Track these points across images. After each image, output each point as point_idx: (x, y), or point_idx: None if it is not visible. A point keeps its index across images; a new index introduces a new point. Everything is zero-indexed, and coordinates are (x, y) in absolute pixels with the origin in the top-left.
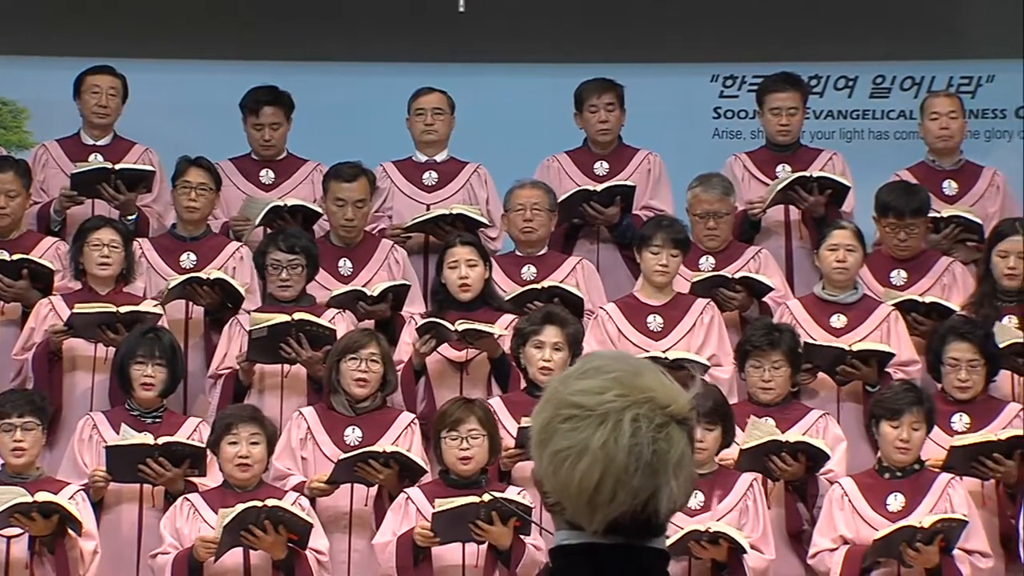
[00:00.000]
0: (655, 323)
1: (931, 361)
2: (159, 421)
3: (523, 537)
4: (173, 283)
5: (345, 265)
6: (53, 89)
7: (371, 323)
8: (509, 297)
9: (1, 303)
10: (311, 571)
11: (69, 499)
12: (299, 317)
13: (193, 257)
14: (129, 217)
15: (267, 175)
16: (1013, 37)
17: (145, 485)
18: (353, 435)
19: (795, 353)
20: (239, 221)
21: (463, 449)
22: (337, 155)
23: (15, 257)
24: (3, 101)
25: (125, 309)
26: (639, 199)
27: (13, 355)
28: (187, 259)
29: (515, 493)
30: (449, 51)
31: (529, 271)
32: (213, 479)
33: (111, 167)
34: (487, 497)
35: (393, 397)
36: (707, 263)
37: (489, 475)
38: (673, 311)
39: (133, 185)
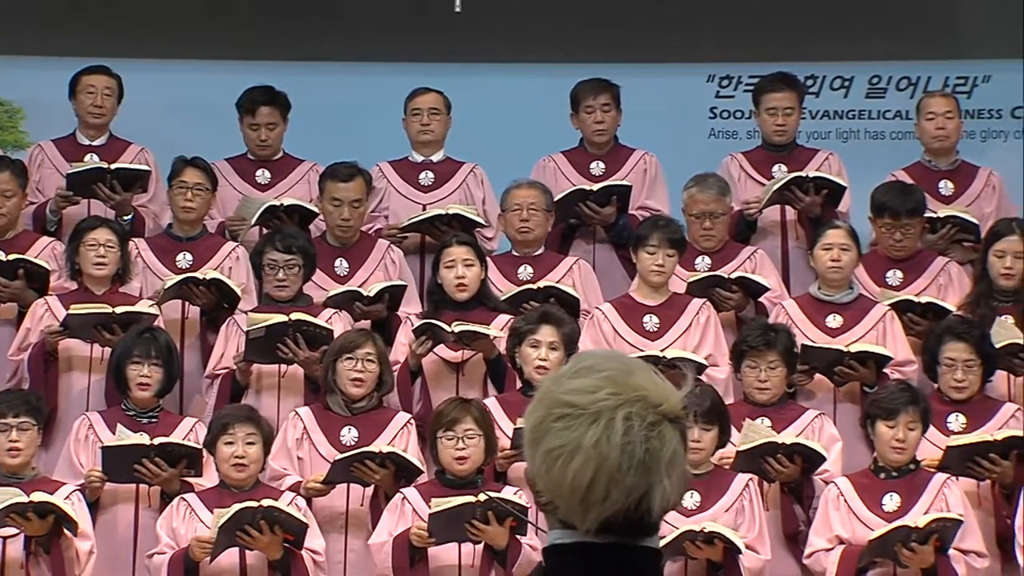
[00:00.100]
0: (651, 323)
1: (927, 361)
2: (155, 421)
3: (519, 537)
4: (169, 283)
5: (341, 265)
6: (49, 89)
7: (367, 323)
8: (505, 297)
9: None
10: (307, 571)
11: (65, 499)
12: (296, 317)
13: (189, 257)
14: (125, 217)
15: (263, 175)
16: (1009, 37)
17: (141, 485)
18: (349, 435)
19: (791, 353)
20: (235, 221)
21: (459, 449)
22: (334, 155)
23: (11, 257)
24: None
25: (121, 309)
26: (635, 199)
27: (9, 355)
28: (183, 259)
29: (511, 493)
30: (446, 51)
31: (526, 271)
32: (210, 479)
33: (107, 167)
34: (483, 497)
35: (389, 397)
36: (703, 263)
37: (485, 475)
38: (669, 311)
39: (129, 185)
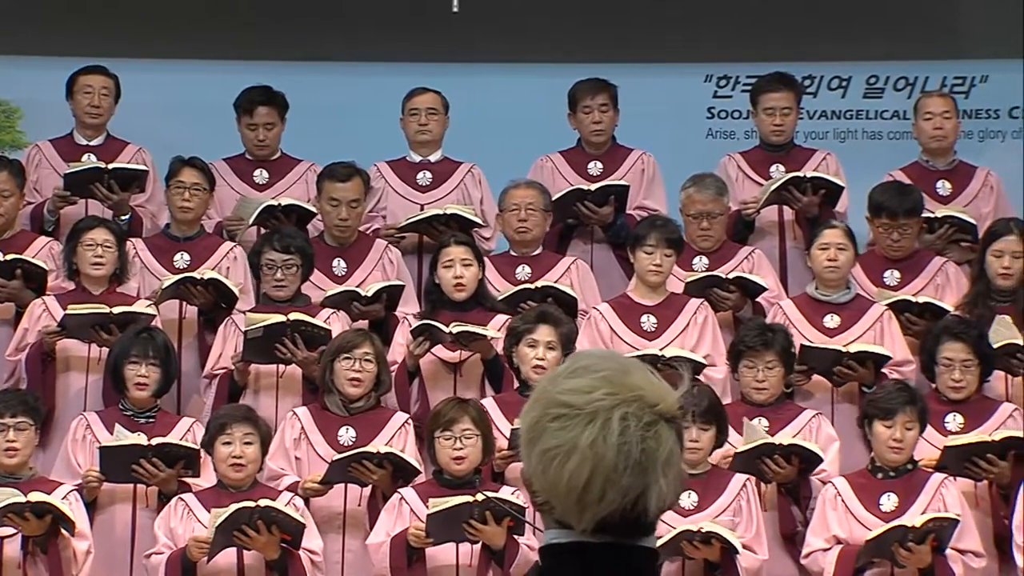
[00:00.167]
0: (648, 323)
1: (925, 361)
2: (152, 421)
3: (517, 537)
4: (167, 283)
5: (339, 265)
6: (46, 89)
7: (365, 323)
8: (502, 297)
9: None
10: (304, 571)
11: (62, 499)
12: (294, 317)
13: (187, 257)
14: (123, 217)
15: (261, 175)
16: (1007, 38)
17: (139, 485)
18: (347, 435)
19: (788, 353)
20: (233, 221)
21: (457, 449)
22: (332, 155)
23: (9, 257)
24: None
25: (118, 310)
26: (633, 199)
27: (7, 356)
28: (181, 259)
29: (509, 493)
30: (444, 51)
31: (524, 271)
32: (207, 479)
33: (104, 167)
34: (481, 497)
35: (387, 397)
36: (700, 263)
37: (483, 475)
38: (667, 311)
39: (126, 185)
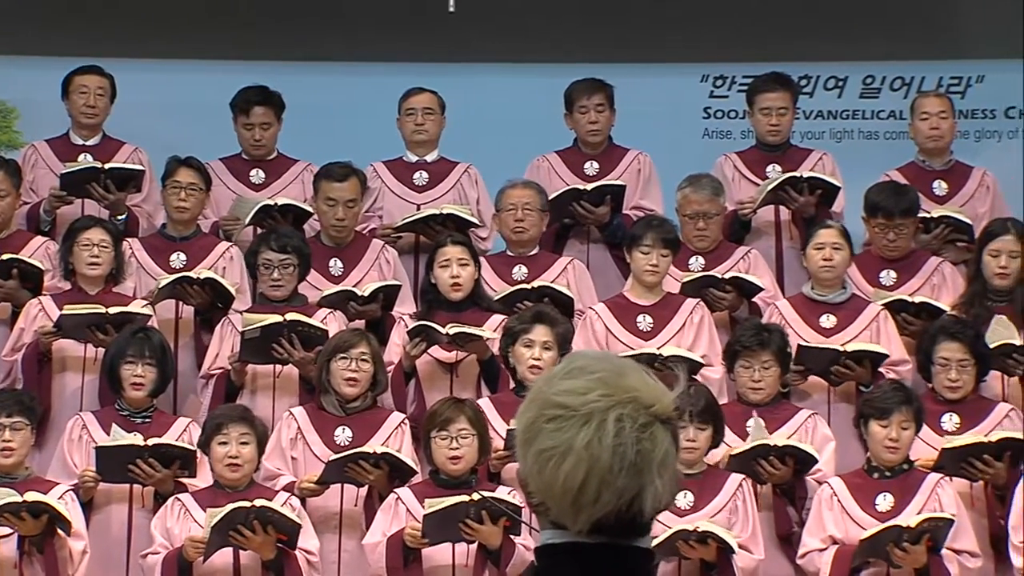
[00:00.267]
0: (645, 323)
1: (921, 361)
2: (149, 421)
3: (513, 537)
4: (163, 283)
5: (336, 265)
6: (43, 89)
7: (361, 323)
8: (499, 297)
9: None
10: (301, 571)
11: (58, 499)
12: (291, 317)
13: (183, 257)
14: (119, 217)
15: (257, 175)
16: (1004, 38)
17: (135, 485)
18: (343, 435)
19: (784, 353)
20: (229, 221)
21: (453, 449)
22: (329, 155)
23: (5, 257)
24: None
25: (114, 310)
26: (629, 199)
27: (3, 356)
28: (177, 259)
29: (505, 493)
30: (442, 51)
31: (520, 271)
32: (204, 479)
33: (101, 167)
34: (477, 497)
35: (383, 397)
36: (697, 263)
37: (479, 475)
38: (663, 311)
39: (123, 185)
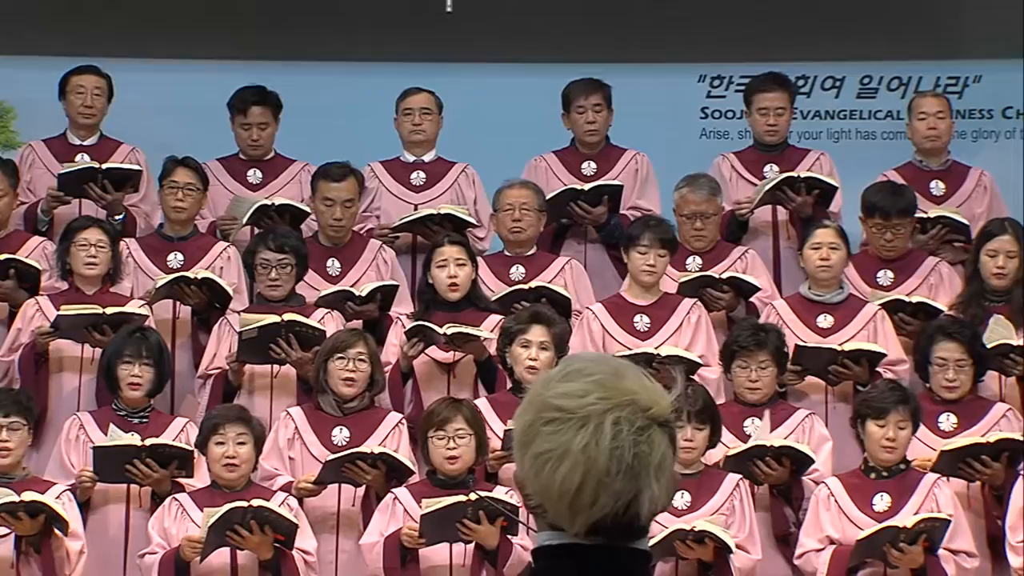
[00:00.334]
0: (642, 323)
1: (919, 361)
2: (146, 421)
3: (510, 537)
4: (160, 283)
5: (333, 265)
6: (40, 89)
7: (359, 323)
8: (496, 297)
9: None
10: (298, 571)
11: (56, 499)
12: (289, 318)
13: (180, 257)
14: (116, 217)
15: (255, 175)
16: (1000, 38)
17: (132, 486)
18: (341, 435)
19: (781, 353)
20: (226, 221)
21: (450, 449)
22: (327, 155)
23: (2, 257)
24: None
25: (111, 310)
26: (627, 199)
27: (0, 356)
28: (174, 259)
29: (502, 493)
30: (438, 51)
31: (518, 271)
32: (201, 479)
33: (98, 167)
34: (474, 496)
35: (380, 397)
36: (694, 263)
37: (476, 475)
38: (660, 311)
39: (120, 185)
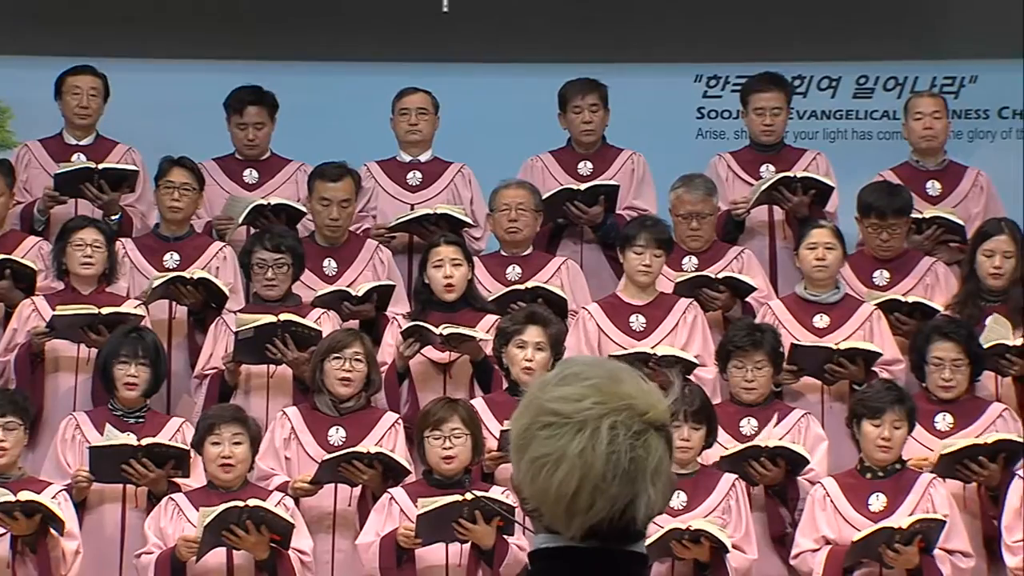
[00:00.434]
0: (638, 323)
1: (915, 360)
2: (142, 421)
3: (506, 537)
4: (156, 283)
5: (330, 265)
6: (36, 88)
7: (355, 323)
8: (492, 298)
9: None
10: (294, 571)
11: (51, 499)
12: (285, 318)
13: (176, 257)
14: (112, 217)
15: (251, 175)
16: (996, 38)
17: (128, 485)
18: (337, 435)
19: (777, 353)
20: (222, 220)
21: (446, 448)
22: (322, 155)
23: None
24: None
25: (107, 310)
26: (623, 199)
27: None
28: (170, 259)
29: (498, 493)
30: (435, 51)
31: (514, 271)
32: (197, 479)
33: (94, 167)
34: (470, 496)
35: (377, 397)
36: (690, 263)
37: (472, 475)
38: (656, 311)
39: (116, 185)
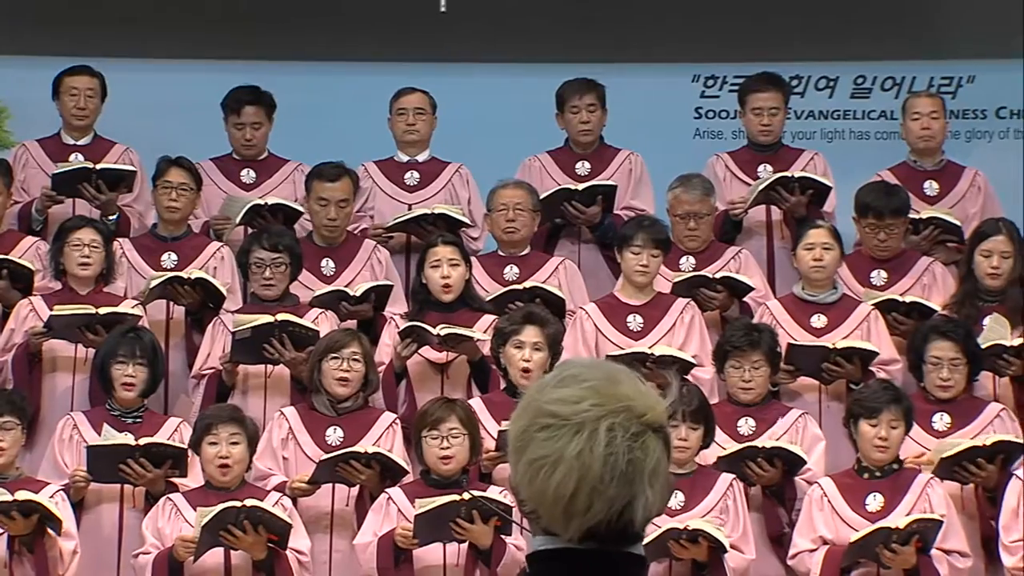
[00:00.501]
0: (635, 323)
1: (912, 360)
2: (140, 421)
3: (504, 537)
4: (154, 283)
5: (328, 265)
6: (34, 88)
7: (353, 323)
8: (490, 298)
9: None
10: (292, 571)
11: (49, 499)
12: (282, 318)
13: (174, 257)
14: (110, 217)
15: (248, 175)
16: (994, 38)
17: (126, 485)
18: (335, 435)
19: (774, 353)
20: (219, 220)
21: (444, 448)
22: (320, 155)
23: None
24: None
25: (104, 310)
26: (620, 199)
27: None
28: (168, 259)
29: (496, 493)
30: (432, 51)
31: (512, 271)
32: (195, 479)
33: (92, 167)
34: (468, 496)
35: (374, 397)
36: (688, 263)
37: (470, 475)
38: (653, 311)
39: (114, 185)
